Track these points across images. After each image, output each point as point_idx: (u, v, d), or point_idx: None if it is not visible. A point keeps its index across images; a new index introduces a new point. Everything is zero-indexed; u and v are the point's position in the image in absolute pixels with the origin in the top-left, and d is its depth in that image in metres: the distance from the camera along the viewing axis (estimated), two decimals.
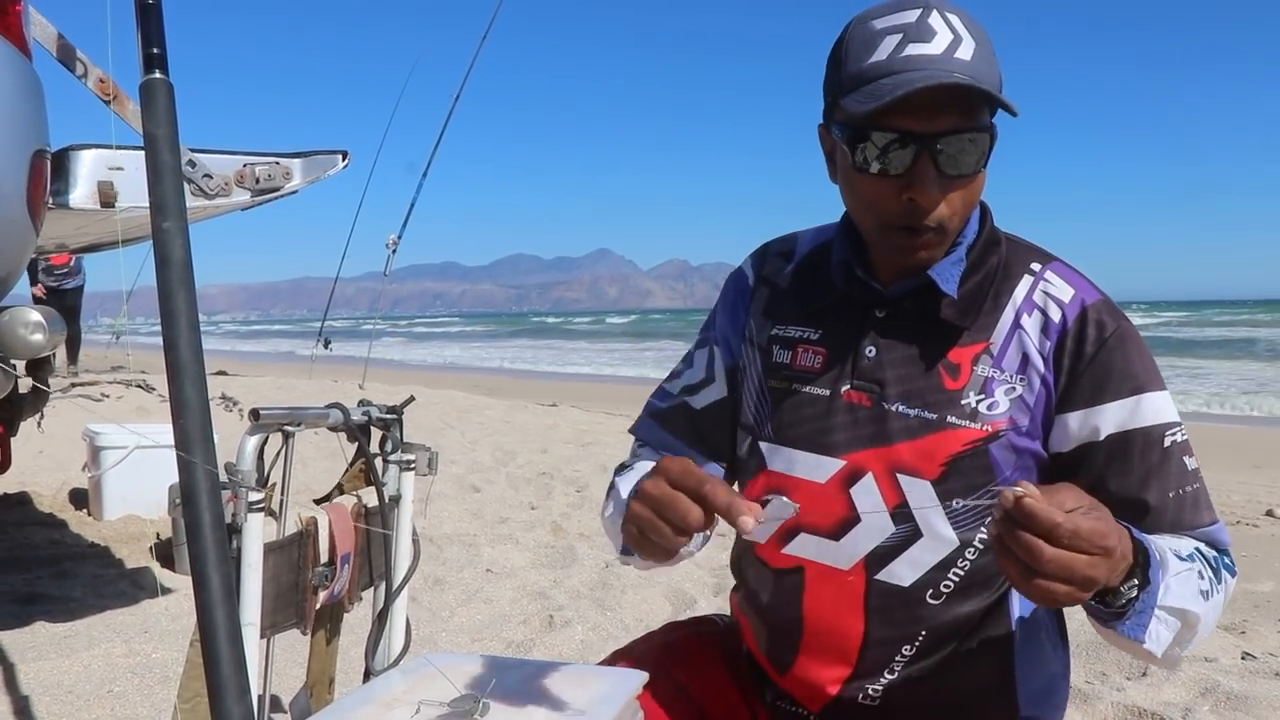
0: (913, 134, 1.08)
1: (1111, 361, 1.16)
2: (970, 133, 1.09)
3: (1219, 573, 1.12)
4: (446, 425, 8.68)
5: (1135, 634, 1.01)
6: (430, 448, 1.66)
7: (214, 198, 2.39)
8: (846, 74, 1.13)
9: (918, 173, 1.10)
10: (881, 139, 1.10)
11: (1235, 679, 2.85)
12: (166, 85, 1.40)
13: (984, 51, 1.10)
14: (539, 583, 3.93)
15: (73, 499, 5.03)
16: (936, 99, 1.07)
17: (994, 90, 1.08)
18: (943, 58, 1.08)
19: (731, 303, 1.38)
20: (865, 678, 1.24)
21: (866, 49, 1.11)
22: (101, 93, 2.14)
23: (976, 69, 1.08)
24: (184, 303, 1.22)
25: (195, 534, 1.11)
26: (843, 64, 1.14)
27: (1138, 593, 0.98)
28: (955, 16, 1.11)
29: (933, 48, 1.08)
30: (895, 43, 1.09)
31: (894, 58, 1.08)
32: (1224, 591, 1.12)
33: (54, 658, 2.93)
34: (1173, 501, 1.15)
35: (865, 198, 1.15)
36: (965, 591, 1.21)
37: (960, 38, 1.09)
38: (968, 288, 1.20)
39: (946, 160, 1.10)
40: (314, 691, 1.67)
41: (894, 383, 1.20)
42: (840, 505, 1.22)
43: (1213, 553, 1.14)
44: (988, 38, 1.12)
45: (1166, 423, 1.16)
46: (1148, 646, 1.02)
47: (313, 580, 1.44)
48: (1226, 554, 1.17)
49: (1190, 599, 1.03)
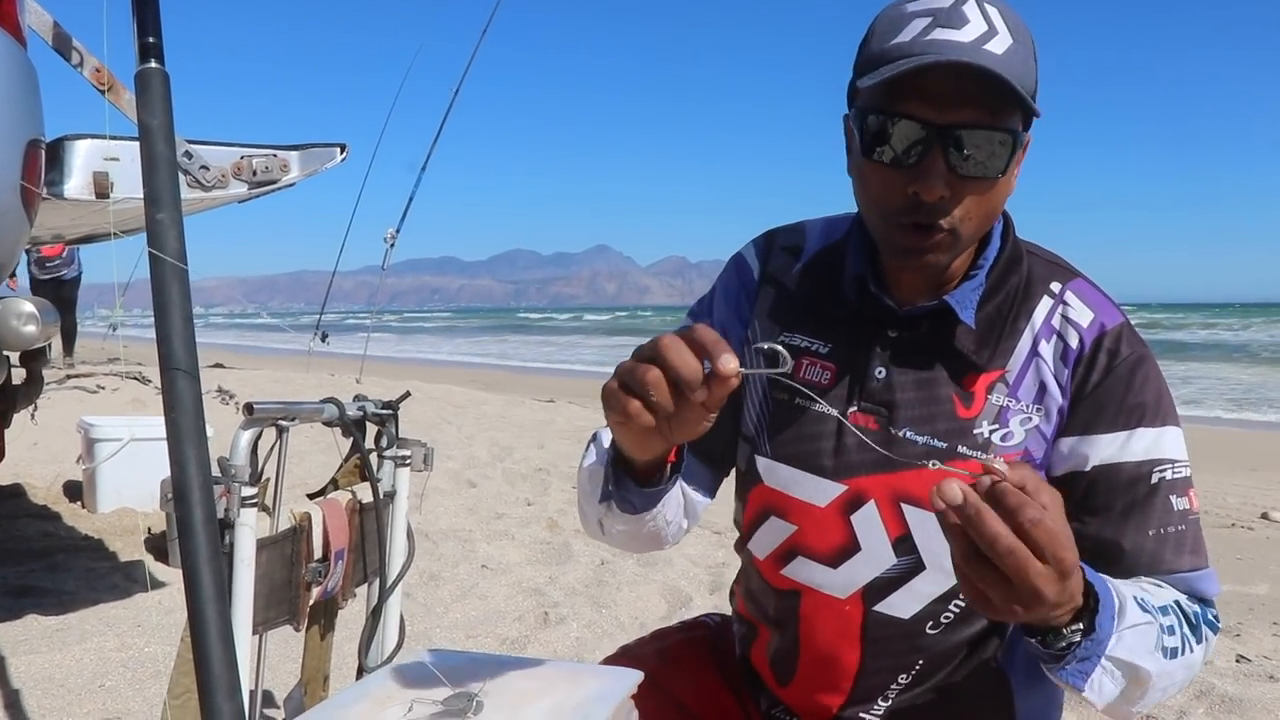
0: (925, 123, 1.00)
1: (1114, 391, 1.10)
2: (989, 130, 1.01)
3: (1198, 629, 1.03)
4: (443, 420, 8.67)
5: (1075, 681, 0.91)
6: (426, 443, 1.65)
7: (211, 190, 2.38)
8: (867, 54, 1.06)
9: (925, 165, 1.01)
10: (890, 124, 1.02)
11: (1230, 682, 2.85)
12: (162, 75, 1.38)
13: (1021, 51, 1.02)
14: (534, 579, 3.92)
15: (67, 491, 5.00)
16: (955, 88, 0.99)
17: (1018, 86, 0.98)
18: (970, 46, 0.99)
19: (734, 293, 1.30)
20: (860, 705, 1.21)
21: (892, 30, 1.03)
22: (97, 82, 2.12)
23: (1008, 66, 0.99)
24: (178, 295, 1.20)
25: (187, 529, 1.09)
26: (866, 45, 1.07)
27: (1081, 638, 0.89)
28: (995, 9, 1.03)
29: (962, 35, 0.99)
30: (923, 25, 1.01)
31: (918, 40, 1.00)
32: (1202, 650, 1.04)
33: (46, 651, 2.91)
34: (1152, 541, 1.08)
35: (870, 188, 1.08)
36: (965, 620, 1.17)
37: (996, 30, 1.00)
38: (986, 312, 1.14)
39: (960, 157, 1.01)
40: (308, 688, 1.66)
41: (903, 407, 1.14)
42: (839, 531, 1.17)
43: (1194, 608, 1.06)
44: (1030, 38, 1.04)
45: (1158, 459, 1.10)
46: (1087, 695, 0.93)
47: (306, 576, 1.43)
48: (1211, 606, 1.10)
49: (1144, 655, 0.94)
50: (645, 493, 1.09)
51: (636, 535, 1.19)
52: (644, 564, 4.05)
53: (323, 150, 2.58)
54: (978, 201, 1.05)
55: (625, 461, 1.07)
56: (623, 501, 1.11)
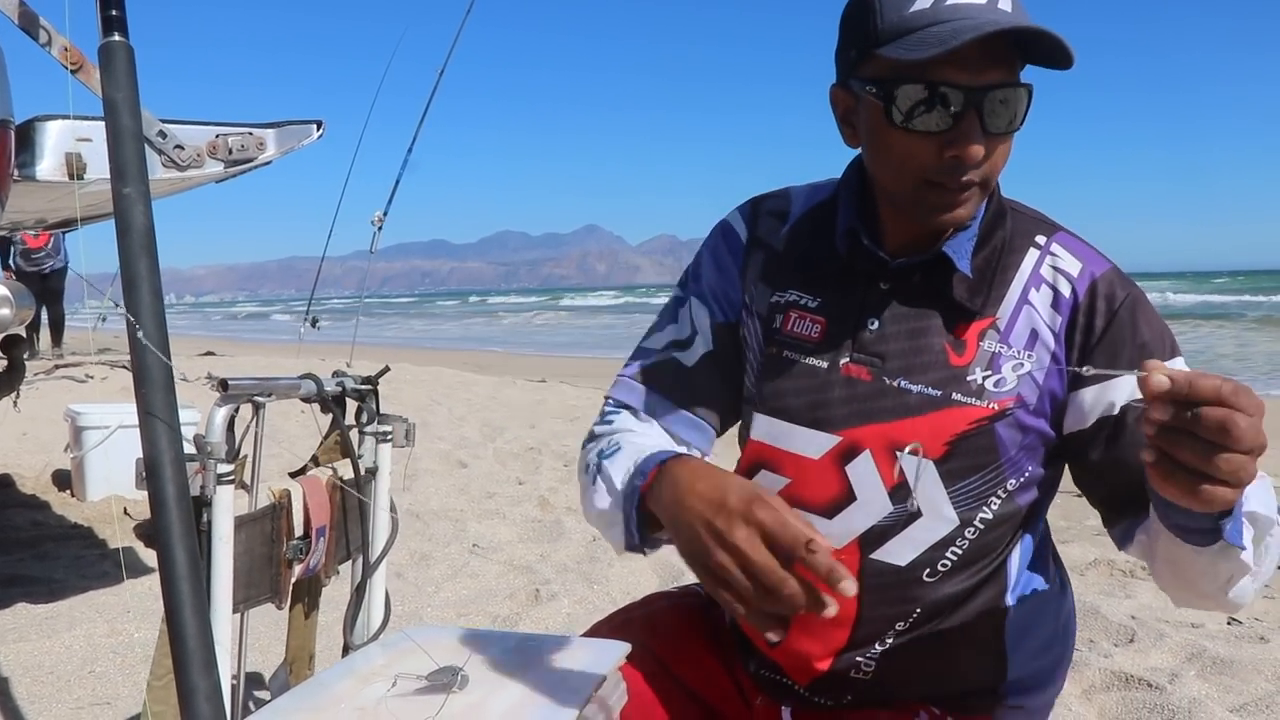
0: (961, 87, 1.04)
1: (1122, 333, 1.13)
2: (1015, 87, 1.06)
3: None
4: (434, 402, 8.65)
5: (1236, 539, 0.95)
6: (407, 419, 1.64)
7: (186, 169, 2.34)
8: (884, 24, 1.07)
9: (964, 128, 1.05)
10: (926, 92, 1.05)
11: (1221, 644, 2.87)
12: (126, 48, 1.35)
13: (1019, 3, 1.07)
14: (525, 557, 3.92)
15: (56, 480, 4.99)
16: (984, 52, 1.03)
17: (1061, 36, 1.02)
18: (987, 7, 1.03)
19: (722, 258, 1.30)
20: (855, 651, 1.22)
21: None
22: (66, 61, 2.09)
23: (1020, 20, 1.03)
24: (146, 269, 1.18)
25: (159, 506, 1.08)
26: (876, 13, 1.08)
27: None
28: None
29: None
30: None
31: (939, 6, 1.04)
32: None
33: (36, 639, 2.91)
34: None
35: (901, 155, 1.09)
36: (963, 567, 1.18)
37: None
38: (976, 263, 1.16)
39: (991, 116, 1.05)
40: (293, 667, 1.65)
41: (896, 356, 1.16)
42: (834, 482, 1.18)
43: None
44: None
45: None
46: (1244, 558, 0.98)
47: (287, 554, 1.41)
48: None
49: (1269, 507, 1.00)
50: None
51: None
52: None
53: (299, 127, 2.54)
54: (1002, 153, 1.11)
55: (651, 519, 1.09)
56: (653, 545, 1.14)
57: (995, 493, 1.16)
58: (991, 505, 1.16)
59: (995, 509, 1.17)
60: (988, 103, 1.05)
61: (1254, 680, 2.61)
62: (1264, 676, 2.63)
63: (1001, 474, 1.16)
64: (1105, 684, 2.61)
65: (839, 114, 1.19)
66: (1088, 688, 2.61)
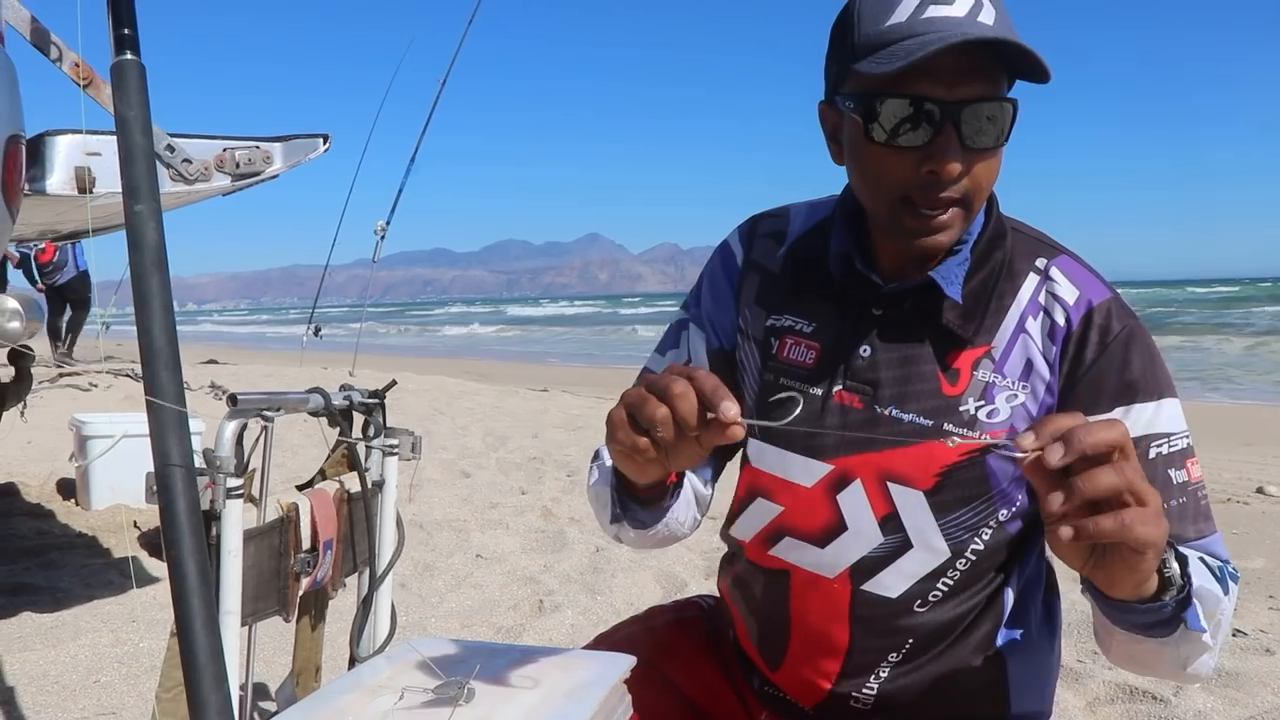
0: (936, 101, 1.01)
1: (1109, 369, 1.10)
2: (995, 102, 1.03)
3: (1224, 581, 1.03)
4: (437, 411, 8.65)
5: (1196, 625, 0.93)
6: (414, 432, 1.64)
7: (194, 183, 2.36)
8: (861, 38, 1.05)
9: (940, 143, 1.02)
10: (901, 106, 1.02)
11: (1226, 656, 2.86)
12: (138, 66, 1.37)
13: (1005, 19, 1.04)
14: (529, 567, 3.92)
15: (61, 489, 4.99)
16: (961, 64, 1.00)
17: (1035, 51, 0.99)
18: (966, 20, 1.01)
19: (719, 283, 1.30)
20: (852, 681, 1.21)
21: (884, 11, 1.04)
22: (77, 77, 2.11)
23: (1001, 34, 1.01)
24: (157, 285, 1.20)
25: (170, 521, 1.09)
26: (855, 28, 1.06)
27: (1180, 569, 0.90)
28: None
29: (955, 10, 1.01)
30: (914, 5, 1.02)
31: (914, 19, 1.01)
32: (1231, 596, 1.04)
33: (40, 648, 2.91)
34: None
35: (878, 172, 1.07)
36: (954, 597, 1.17)
37: (982, 3, 1.02)
38: (970, 288, 1.13)
39: (970, 131, 1.02)
40: (300, 679, 1.66)
41: (888, 385, 1.14)
42: (827, 511, 1.17)
43: (1215, 562, 1.06)
44: (1005, 7, 1.06)
45: (1153, 434, 1.09)
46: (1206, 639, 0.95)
47: (295, 567, 1.42)
48: (1227, 563, 1.10)
49: (1212, 582, 0.97)
50: (650, 511, 1.17)
51: (652, 540, 1.25)
52: (639, 551, 4.05)
53: (306, 141, 2.56)
54: (985, 171, 1.07)
55: (629, 484, 1.12)
56: (633, 520, 1.18)
57: (987, 524, 1.14)
58: (983, 536, 1.15)
59: (987, 540, 1.15)
60: (966, 116, 1.02)
61: (1259, 693, 2.61)
62: (1270, 689, 2.63)
63: (993, 506, 1.14)
64: (1110, 696, 2.61)
65: (827, 130, 1.17)
66: (1092, 700, 2.61)
